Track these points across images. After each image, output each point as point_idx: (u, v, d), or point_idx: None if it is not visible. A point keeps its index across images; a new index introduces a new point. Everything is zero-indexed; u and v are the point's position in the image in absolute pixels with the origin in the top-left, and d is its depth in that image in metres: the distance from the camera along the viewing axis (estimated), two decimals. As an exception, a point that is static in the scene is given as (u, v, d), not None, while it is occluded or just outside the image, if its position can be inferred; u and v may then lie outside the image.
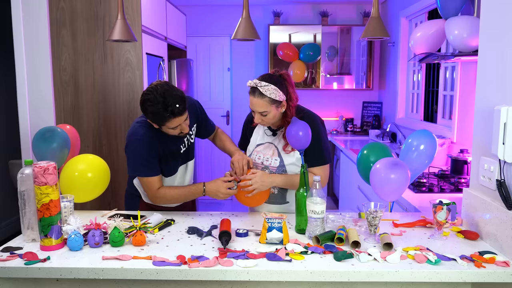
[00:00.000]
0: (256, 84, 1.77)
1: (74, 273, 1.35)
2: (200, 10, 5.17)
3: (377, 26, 1.83)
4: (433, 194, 2.33)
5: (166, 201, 1.90)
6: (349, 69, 5.25)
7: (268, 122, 1.86)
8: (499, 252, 1.45)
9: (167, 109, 1.70)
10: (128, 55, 2.79)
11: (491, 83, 1.55)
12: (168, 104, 1.69)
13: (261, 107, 1.79)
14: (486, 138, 1.55)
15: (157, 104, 1.69)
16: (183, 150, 1.99)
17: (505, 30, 1.46)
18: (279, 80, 1.81)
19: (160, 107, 1.70)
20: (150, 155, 1.82)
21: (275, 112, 1.82)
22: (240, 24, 1.92)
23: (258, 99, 1.78)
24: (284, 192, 1.96)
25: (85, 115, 2.84)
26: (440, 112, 3.48)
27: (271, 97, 1.76)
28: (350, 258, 1.39)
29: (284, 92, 1.81)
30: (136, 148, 1.82)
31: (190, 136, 2.03)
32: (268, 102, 1.78)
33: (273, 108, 1.80)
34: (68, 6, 2.76)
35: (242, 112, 5.32)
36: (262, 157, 1.95)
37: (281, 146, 1.92)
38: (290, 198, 1.96)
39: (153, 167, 1.84)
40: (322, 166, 1.90)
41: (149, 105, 1.71)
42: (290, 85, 1.84)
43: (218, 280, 1.39)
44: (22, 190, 1.52)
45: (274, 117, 1.84)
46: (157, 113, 1.71)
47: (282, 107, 1.83)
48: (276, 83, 1.79)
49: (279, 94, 1.78)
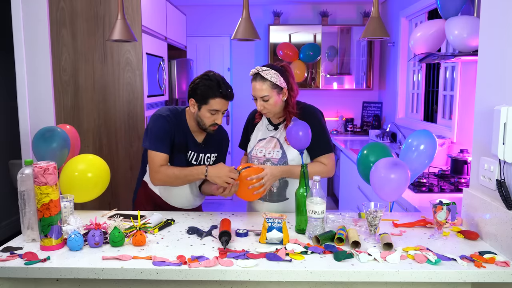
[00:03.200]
0: (258, 70, 1.86)
1: (74, 273, 1.35)
2: (200, 10, 5.18)
3: (377, 26, 1.83)
4: (433, 194, 2.33)
5: (166, 177, 1.90)
6: (349, 69, 5.25)
7: (270, 109, 1.89)
8: (499, 252, 1.45)
9: (221, 86, 1.87)
10: (128, 55, 2.79)
11: (491, 83, 1.55)
12: (222, 85, 1.88)
13: (262, 91, 1.85)
14: (486, 138, 1.55)
15: (213, 81, 1.87)
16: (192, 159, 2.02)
17: (505, 30, 1.46)
18: (280, 69, 1.90)
19: (215, 84, 1.87)
20: (166, 133, 1.92)
21: (276, 99, 1.87)
22: (240, 24, 1.93)
23: (259, 83, 1.85)
24: (284, 188, 1.97)
25: (85, 115, 2.84)
26: (440, 112, 3.48)
27: (272, 81, 1.84)
28: (350, 258, 1.39)
29: (286, 81, 1.88)
30: (158, 120, 1.93)
31: (206, 160, 2.06)
32: (269, 86, 1.85)
33: (274, 93, 1.86)
34: (68, 6, 2.76)
35: (242, 112, 5.31)
36: (264, 151, 1.97)
37: (283, 138, 1.95)
38: (290, 194, 1.97)
39: (164, 144, 1.91)
40: (329, 154, 1.95)
41: (205, 79, 1.88)
42: (291, 76, 1.92)
43: (218, 280, 1.39)
44: (22, 190, 1.52)
45: (276, 104, 1.88)
46: (210, 87, 1.86)
47: (284, 95, 1.89)
48: (277, 70, 1.87)
49: (280, 80, 1.85)
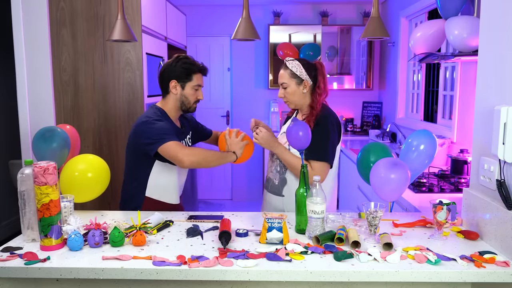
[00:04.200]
0: (286, 59, 1.98)
1: (74, 273, 1.35)
2: (200, 10, 5.17)
3: (377, 26, 1.83)
4: (433, 194, 2.33)
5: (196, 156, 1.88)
6: (349, 69, 5.25)
7: (289, 98, 1.99)
8: (499, 252, 1.45)
9: (196, 63, 2.02)
10: (128, 55, 2.79)
11: (491, 83, 1.55)
12: (197, 62, 2.03)
13: (282, 78, 1.98)
14: (486, 138, 1.55)
15: (189, 59, 2.02)
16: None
17: (505, 30, 1.46)
18: (310, 64, 1.97)
19: (191, 61, 2.02)
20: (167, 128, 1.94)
21: (295, 89, 1.96)
22: (240, 24, 1.93)
23: (282, 70, 1.98)
24: (282, 185, 2.00)
25: (85, 115, 2.84)
26: (440, 112, 3.48)
27: (292, 70, 1.94)
28: (350, 258, 1.39)
29: (310, 76, 1.95)
30: (156, 120, 1.94)
31: (189, 140, 2.17)
32: (289, 74, 1.95)
33: (293, 83, 1.95)
34: (68, 6, 2.76)
35: (242, 112, 5.33)
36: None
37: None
38: (286, 192, 2.00)
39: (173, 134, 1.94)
40: (321, 162, 1.91)
41: (181, 59, 2.00)
42: (320, 74, 1.97)
43: (218, 280, 1.39)
44: (22, 190, 1.52)
45: (294, 94, 1.96)
46: (190, 64, 2.00)
47: (304, 87, 1.95)
48: (304, 64, 1.95)
49: (301, 71, 1.94)
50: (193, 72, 2.00)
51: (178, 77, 1.99)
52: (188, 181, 2.58)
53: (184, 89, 2.01)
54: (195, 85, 2.01)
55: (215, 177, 5.45)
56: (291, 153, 1.94)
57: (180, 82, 2.00)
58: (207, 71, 2.07)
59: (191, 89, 2.01)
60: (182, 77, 1.99)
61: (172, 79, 1.99)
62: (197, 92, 2.03)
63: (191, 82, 2.00)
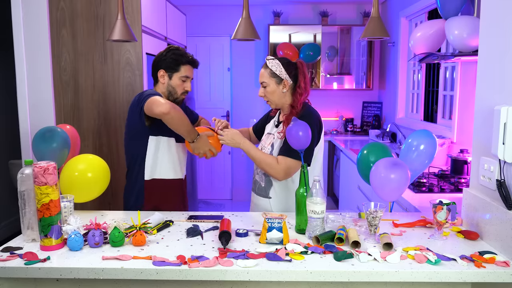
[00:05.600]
0: (267, 58, 1.96)
1: (74, 273, 1.35)
2: (200, 10, 5.18)
3: (377, 26, 1.83)
4: (433, 194, 2.33)
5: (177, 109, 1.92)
6: (349, 69, 5.25)
7: (269, 98, 1.97)
8: (499, 252, 1.45)
9: (187, 55, 2.09)
10: (128, 55, 2.79)
11: (491, 83, 1.55)
12: (188, 54, 2.10)
13: (262, 77, 1.96)
14: (486, 138, 1.55)
15: (180, 51, 2.09)
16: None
17: (505, 30, 1.46)
18: (290, 63, 1.95)
19: (182, 53, 2.08)
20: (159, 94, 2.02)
21: (274, 88, 1.94)
22: (240, 24, 1.93)
23: (262, 69, 1.97)
24: (268, 187, 1.99)
25: (85, 115, 2.84)
26: (440, 112, 3.48)
27: (272, 70, 1.92)
28: (350, 258, 1.39)
29: (290, 75, 1.93)
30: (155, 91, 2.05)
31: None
32: (268, 74, 1.93)
33: (273, 82, 1.93)
34: (68, 6, 2.76)
35: (242, 112, 5.33)
36: (261, 145, 2.08)
37: (277, 136, 1.97)
38: (272, 194, 1.98)
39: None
40: (290, 159, 1.86)
41: (172, 50, 2.06)
42: (301, 73, 1.95)
43: (218, 280, 1.39)
44: (22, 190, 1.52)
45: (273, 93, 1.95)
46: (179, 55, 2.06)
47: (284, 86, 1.93)
48: (284, 64, 1.93)
49: (281, 71, 1.91)
50: (181, 63, 2.06)
51: (167, 67, 2.06)
52: (188, 181, 2.58)
53: (171, 79, 2.07)
54: (183, 76, 2.07)
55: (215, 177, 5.46)
56: (257, 149, 1.95)
57: (168, 72, 2.07)
58: (197, 64, 2.13)
59: (178, 80, 2.07)
60: (171, 67, 2.06)
61: (161, 68, 2.07)
62: (184, 83, 2.09)
63: (178, 73, 2.06)
